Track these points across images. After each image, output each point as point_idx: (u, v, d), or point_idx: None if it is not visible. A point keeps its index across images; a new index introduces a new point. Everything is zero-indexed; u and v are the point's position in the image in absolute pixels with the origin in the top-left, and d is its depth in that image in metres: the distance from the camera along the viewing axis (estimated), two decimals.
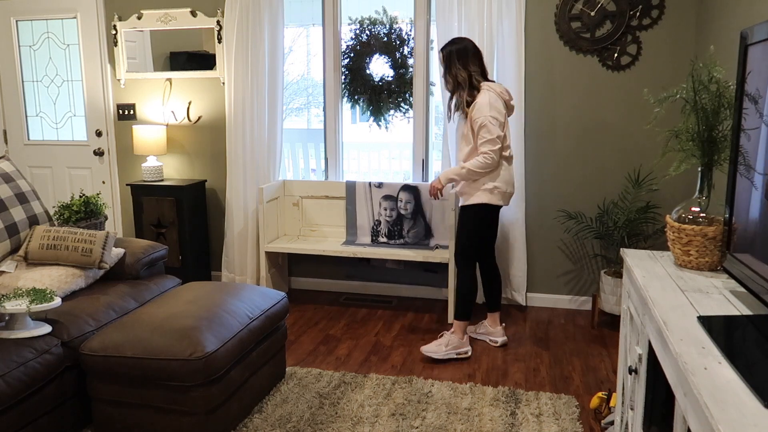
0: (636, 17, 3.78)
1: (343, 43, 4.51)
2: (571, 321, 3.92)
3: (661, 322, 1.47)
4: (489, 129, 3.13)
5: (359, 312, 4.10)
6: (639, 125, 3.87)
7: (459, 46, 3.27)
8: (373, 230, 4.25)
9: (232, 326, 2.54)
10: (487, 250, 3.50)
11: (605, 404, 2.65)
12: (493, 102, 3.16)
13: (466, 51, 3.25)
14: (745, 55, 1.63)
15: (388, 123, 4.89)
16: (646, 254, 2.10)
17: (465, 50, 3.25)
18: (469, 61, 3.24)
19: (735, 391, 1.11)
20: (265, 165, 4.35)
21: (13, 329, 2.37)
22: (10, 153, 4.93)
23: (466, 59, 3.24)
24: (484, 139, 3.14)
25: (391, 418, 2.70)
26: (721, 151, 1.89)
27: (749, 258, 1.54)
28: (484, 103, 3.15)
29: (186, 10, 4.41)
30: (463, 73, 3.23)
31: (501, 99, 3.20)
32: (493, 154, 3.15)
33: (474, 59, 3.26)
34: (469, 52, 3.25)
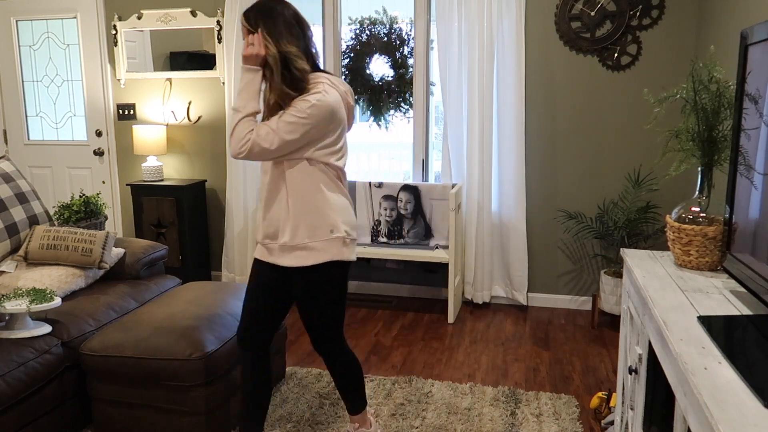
0: (636, 17, 3.78)
1: (343, 43, 4.50)
2: (571, 321, 3.92)
3: (661, 322, 1.47)
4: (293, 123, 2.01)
5: (359, 312, 4.10)
6: (639, 125, 3.87)
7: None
8: (373, 230, 4.25)
9: (232, 326, 2.54)
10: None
11: (605, 404, 2.65)
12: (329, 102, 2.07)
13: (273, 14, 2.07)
14: (745, 55, 1.63)
15: (388, 123, 4.89)
16: (646, 254, 2.10)
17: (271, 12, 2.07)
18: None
19: (735, 391, 1.11)
20: None
21: (13, 329, 2.37)
22: (10, 153, 4.93)
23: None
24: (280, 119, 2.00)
25: (391, 418, 2.70)
26: (721, 151, 1.89)
27: (749, 258, 1.54)
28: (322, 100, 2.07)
29: (186, 10, 4.41)
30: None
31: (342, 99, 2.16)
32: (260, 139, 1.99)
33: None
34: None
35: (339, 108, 2.08)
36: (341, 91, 2.12)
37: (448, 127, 4.05)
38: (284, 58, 2.00)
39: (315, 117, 2.00)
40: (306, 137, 2.02)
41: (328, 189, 2.12)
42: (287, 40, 2.02)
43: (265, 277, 2.24)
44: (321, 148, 2.07)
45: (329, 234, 2.11)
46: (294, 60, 2.00)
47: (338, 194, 2.15)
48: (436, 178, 4.46)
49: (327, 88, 2.05)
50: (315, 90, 2.02)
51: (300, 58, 2.02)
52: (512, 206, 4.01)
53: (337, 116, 2.07)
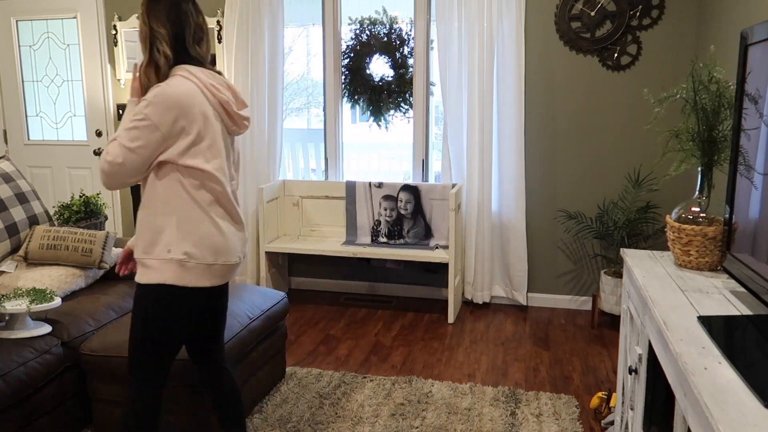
0: (636, 17, 3.78)
1: (343, 43, 4.51)
2: (571, 321, 3.92)
3: (661, 322, 1.47)
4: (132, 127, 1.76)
5: (359, 312, 4.10)
6: (639, 125, 3.87)
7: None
8: (373, 230, 4.25)
9: (232, 326, 2.54)
10: (203, 346, 2.11)
11: (605, 404, 2.65)
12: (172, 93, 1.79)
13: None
14: (745, 55, 1.63)
15: (388, 123, 4.89)
16: (646, 254, 2.10)
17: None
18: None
19: (735, 391, 1.11)
20: (265, 165, 4.35)
21: (13, 329, 2.37)
22: (10, 153, 4.93)
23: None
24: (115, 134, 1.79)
25: (391, 418, 2.70)
26: (721, 151, 1.89)
27: (749, 258, 1.54)
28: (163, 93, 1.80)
29: None
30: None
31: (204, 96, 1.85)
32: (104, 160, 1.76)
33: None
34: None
35: (189, 101, 1.77)
36: (203, 83, 1.82)
37: (448, 127, 4.05)
38: (152, 37, 1.81)
39: (156, 115, 1.73)
40: (156, 142, 1.75)
41: (182, 199, 1.81)
42: (160, 21, 1.81)
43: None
44: (179, 150, 1.78)
45: (166, 254, 1.81)
46: (158, 41, 1.80)
47: (194, 210, 1.83)
48: (436, 178, 4.46)
49: (177, 80, 1.79)
50: (157, 84, 1.78)
51: (165, 41, 1.80)
52: (512, 206, 4.01)
53: (187, 111, 1.77)
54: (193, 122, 1.79)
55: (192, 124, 1.79)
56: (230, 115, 1.90)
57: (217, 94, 1.85)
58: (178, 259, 1.81)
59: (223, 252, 1.89)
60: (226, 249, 1.90)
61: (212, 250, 1.86)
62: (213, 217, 1.86)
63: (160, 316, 1.87)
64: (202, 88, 1.82)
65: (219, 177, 1.85)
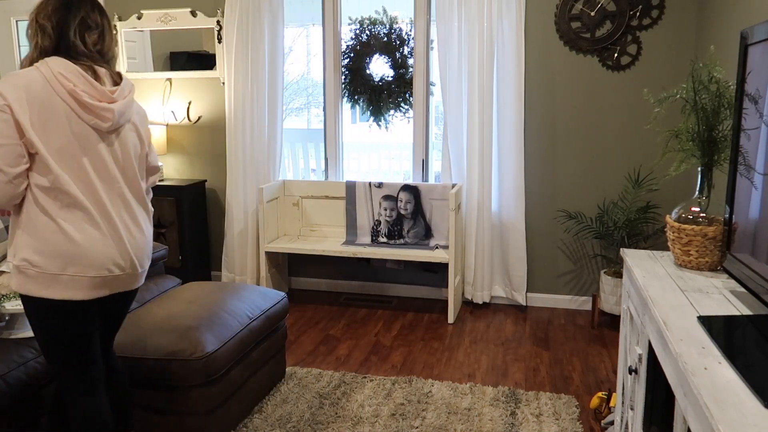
0: (636, 17, 3.78)
1: (343, 43, 4.51)
2: (571, 321, 3.92)
3: (661, 322, 1.47)
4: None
5: (359, 312, 4.10)
6: (639, 125, 3.87)
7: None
8: (373, 230, 4.25)
9: (232, 326, 2.54)
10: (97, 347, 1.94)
11: (605, 404, 2.65)
12: (9, 82, 1.66)
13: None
14: (745, 55, 1.63)
15: (388, 123, 4.89)
16: (646, 254, 2.10)
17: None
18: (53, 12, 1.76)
19: (735, 391, 1.11)
20: (265, 165, 4.35)
21: (13, 329, 2.37)
22: None
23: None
24: None
25: (391, 418, 2.70)
26: (721, 151, 1.89)
27: (749, 258, 1.54)
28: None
29: (186, 10, 4.41)
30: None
31: (50, 86, 1.68)
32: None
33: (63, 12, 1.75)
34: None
35: (9, 93, 1.63)
36: (52, 72, 1.67)
37: (448, 127, 4.05)
38: (35, 30, 1.74)
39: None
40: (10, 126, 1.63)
41: (28, 204, 1.70)
42: (45, 14, 1.73)
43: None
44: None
45: (13, 258, 1.73)
46: (38, 35, 1.73)
47: (39, 213, 1.70)
48: (436, 178, 4.46)
49: (24, 70, 1.70)
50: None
51: (47, 35, 1.72)
52: (512, 206, 4.01)
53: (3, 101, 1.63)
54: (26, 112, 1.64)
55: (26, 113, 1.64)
56: (83, 106, 1.70)
57: (64, 82, 1.68)
58: (19, 266, 1.71)
59: (76, 262, 1.72)
60: (80, 259, 1.72)
61: (53, 258, 1.70)
62: (60, 223, 1.70)
63: (40, 327, 1.80)
64: (49, 77, 1.67)
65: (65, 184, 1.70)
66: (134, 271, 1.87)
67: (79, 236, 1.72)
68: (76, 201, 1.72)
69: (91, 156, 1.75)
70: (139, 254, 1.88)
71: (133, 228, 1.85)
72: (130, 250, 1.84)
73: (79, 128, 1.72)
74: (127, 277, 1.85)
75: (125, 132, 1.84)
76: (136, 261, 1.87)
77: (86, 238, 1.73)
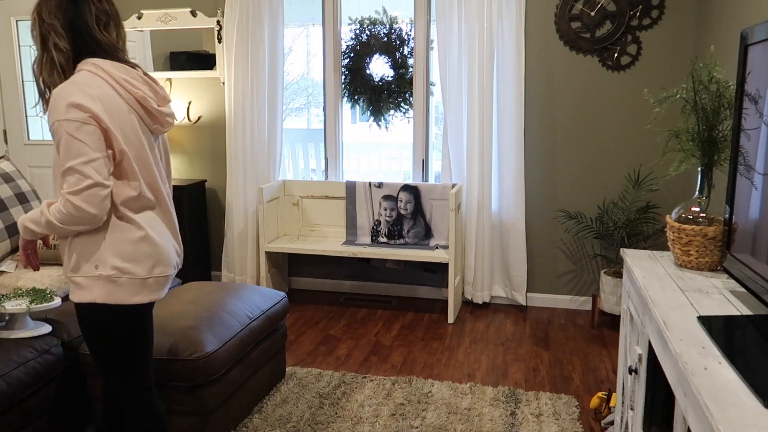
0: (636, 17, 3.78)
1: (343, 43, 4.51)
2: (571, 321, 3.92)
3: (661, 322, 1.47)
4: (69, 147, 1.57)
5: (359, 312, 4.10)
6: (639, 125, 3.87)
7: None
8: (373, 230, 4.25)
9: (232, 326, 2.54)
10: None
11: (605, 404, 2.65)
12: (82, 92, 1.58)
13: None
14: (745, 55, 1.63)
15: (388, 123, 4.89)
16: (646, 254, 2.10)
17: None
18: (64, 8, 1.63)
19: (735, 391, 1.11)
20: (265, 165, 4.35)
21: (13, 329, 2.37)
22: (10, 153, 4.92)
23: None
24: (64, 167, 1.61)
25: (391, 418, 2.70)
26: (721, 151, 1.89)
27: (749, 258, 1.54)
28: (62, 95, 1.58)
29: (186, 10, 4.41)
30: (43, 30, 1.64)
31: (117, 93, 1.64)
32: (81, 199, 1.60)
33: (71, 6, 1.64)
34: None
35: (89, 103, 1.56)
36: (114, 78, 1.61)
37: (448, 127, 4.05)
38: (45, 31, 1.59)
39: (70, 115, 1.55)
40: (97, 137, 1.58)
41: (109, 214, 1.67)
42: (51, 11, 1.60)
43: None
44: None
45: (93, 270, 1.67)
46: (51, 34, 1.59)
47: (121, 221, 1.68)
48: (436, 178, 4.46)
49: (82, 76, 1.59)
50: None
51: (59, 33, 1.59)
52: (512, 206, 4.01)
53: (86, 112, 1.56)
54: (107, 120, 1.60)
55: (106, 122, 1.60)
56: (149, 113, 1.70)
57: (132, 90, 1.65)
58: (107, 276, 1.67)
59: (161, 258, 1.74)
60: (165, 255, 1.75)
61: (142, 264, 1.71)
62: (143, 232, 1.71)
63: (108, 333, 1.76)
64: (113, 83, 1.62)
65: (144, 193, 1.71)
66: (180, 266, 1.91)
67: (157, 236, 1.74)
68: (150, 203, 1.74)
69: (153, 158, 1.76)
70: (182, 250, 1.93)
71: (176, 223, 1.89)
72: (181, 246, 1.90)
73: (145, 134, 1.72)
74: (169, 279, 1.87)
75: (164, 136, 1.89)
76: (182, 257, 1.92)
77: (161, 237, 1.76)
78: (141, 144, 1.69)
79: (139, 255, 1.70)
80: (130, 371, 1.84)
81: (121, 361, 1.82)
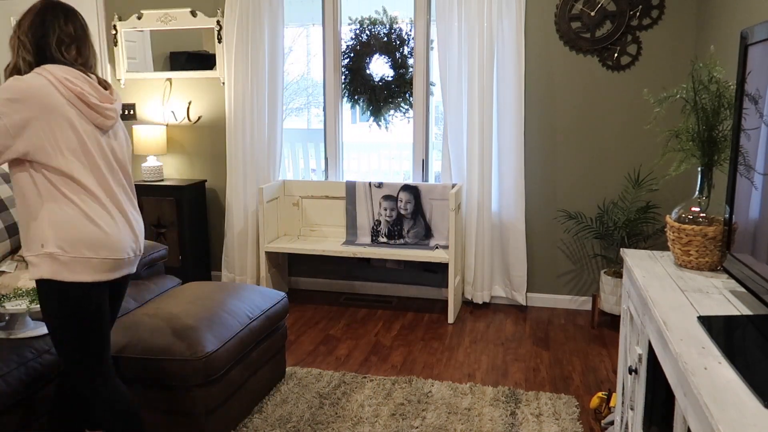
0: (636, 17, 3.78)
1: (343, 43, 4.51)
2: (571, 321, 3.92)
3: (661, 322, 1.47)
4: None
5: (359, 312, 4.10)
6: (639, 125, 3.87)
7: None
8: (373, 230, 4.25)
9: (232, 326, 2.54)
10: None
11: (605, 404, 2.65)
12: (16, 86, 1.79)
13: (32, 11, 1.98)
14: (745, 55, 1.63)
15: (388, 123, 4.89)
16: (646, 254, 2.10)
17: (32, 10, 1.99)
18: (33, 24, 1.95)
19: (735, 391, 1.11)
20: (265, 165, 4.35)
21: (13, 329, 2.36)
22: None
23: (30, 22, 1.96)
24: None
25: (391, 418, 2.70)
26: (721, 151, 1.89)
27: (749, 258, 1.54)
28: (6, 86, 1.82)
29: (186, 10, 4.41)
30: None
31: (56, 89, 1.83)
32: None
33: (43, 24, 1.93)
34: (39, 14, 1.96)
35: (40, 94, 1.78)
36: (56, 77, 1.82)
37: (448, 127, 4.05)
38: (17, 44, 1.90)
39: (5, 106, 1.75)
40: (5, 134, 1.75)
41: (49, 197, 1.82)
42: (23, 30, 1.91)
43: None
44: (37, 148, 1.78)
45: (40, 249, 1.83)
46: (20, 48, 1.89)
47: (63, 204, 1.82)
48: (436, 178, 4.46)
49: (30, 76, 1.83)
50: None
51: (27, 50, 1.88)
52: (512, 206, 4.01)
53: (36, 104, 1.77)
54: (47, 118, 1.79)
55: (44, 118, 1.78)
56: (89, 106, 1.87)
57: (71, 87, 1.84)
58: (50, 253, 1.81)
59: (99, 244, 1.86)
60: (103, 241, 1.87)
61: (82, 243, 1.83)
62: (82, 214, 1.84)
63: (63, 312, 1.89)
64: (54, 81, 1.82)
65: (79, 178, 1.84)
66: (140, 253, 2.04)
67: (102, 222, 1.87)
68: (93, 188, 1.87)
69: (98, 151, 1.90)
70: (142, 238, 2.04)
71: (135, 213, 2.02)
72: (138, 234, 2.01)
73: (86, 127, 1.87)
74: (135, 258, 2.01)
75: (118, 130, 2.02)
76: (141, 244, 2.03)
77: (107, 223, 1.89)
78: (79, 134, 1.85)
79: (80, 235, 1.83)
80: (89, 358, 1.95)
81: (77, 345, 1.93)
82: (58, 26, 1.91)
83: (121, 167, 1.99)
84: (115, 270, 1.92)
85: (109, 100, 1.94)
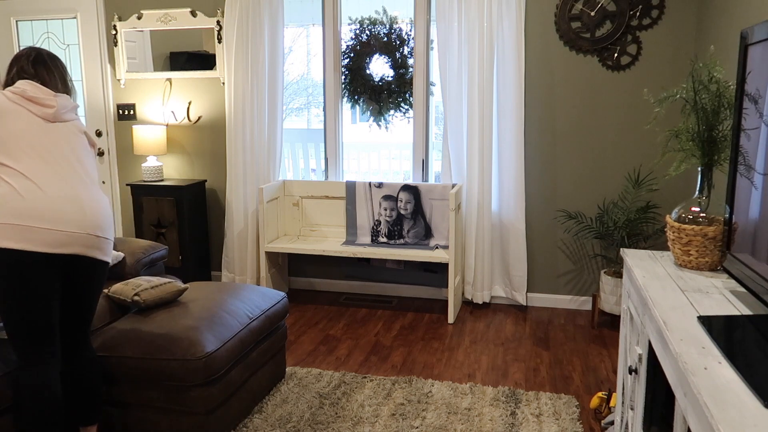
0: (636, 17, 3.78)
1: (343, 43, 4.51)
2: (571, 321, 3.92)
3: (661, 322, 1.47)
4: None
5: (359, 312, 4.10)
6: (639, 125, 3.87)
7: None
8: (373, 230, 4.25)
9: (232, 326, 2.54)
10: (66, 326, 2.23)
11: (605, 404, 2.65)
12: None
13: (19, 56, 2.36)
14: (745, 55, 1.63)
15: (388, 123, 4.89)
16: (646, 254, 2.10)
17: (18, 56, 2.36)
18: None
19: (735, 391, 1.11)
20: (265, 165, 4.35)
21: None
22: None
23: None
24: None
25: (391, 418, 2.70)
26: (721, 151, 1.89)
27: (749, 258, 1.54)
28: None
29: (186, 10, 4.41)
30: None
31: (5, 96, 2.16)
32: None
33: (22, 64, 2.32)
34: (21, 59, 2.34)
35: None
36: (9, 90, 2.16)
37: (448, 127, 4.05)
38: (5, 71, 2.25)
39: None
40: None
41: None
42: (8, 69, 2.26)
43: None
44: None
45: None
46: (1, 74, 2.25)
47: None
48: (436, 178, 4.46)
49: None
50: None
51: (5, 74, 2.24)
52: (512, 206, 4.01)
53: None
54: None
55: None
56: (30, 100, 2.13)
57: (15, 90, 2.14)
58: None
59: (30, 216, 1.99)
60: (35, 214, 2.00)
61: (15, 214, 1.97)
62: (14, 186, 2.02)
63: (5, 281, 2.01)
64: (6, 93, 2.13)
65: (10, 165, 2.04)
66: (102, 235, 2.13)
67: (32, 196, 2.02)
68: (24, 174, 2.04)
69: (48, 136, 2.12)
70: (103, 221, 2.15)
71: (87, 195, 2.12)
72: (90, 214, 2.09)
73: (32, 119, 2.12)
74: (85, 238, 2.08)
75: (72, 127, 2.22)
76: (102, 226, 2.13)
77: (38, 197, 2.02)
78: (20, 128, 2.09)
79: (8, 205, 1.98)
80: (18, 337, 2.04)
81: (7, 318, 2.03)
82: (20, 64, 2.24)
83: (74, 155, 2.17)
84: (56, 245, 2.02)
85: (50, 94, 2.18)
